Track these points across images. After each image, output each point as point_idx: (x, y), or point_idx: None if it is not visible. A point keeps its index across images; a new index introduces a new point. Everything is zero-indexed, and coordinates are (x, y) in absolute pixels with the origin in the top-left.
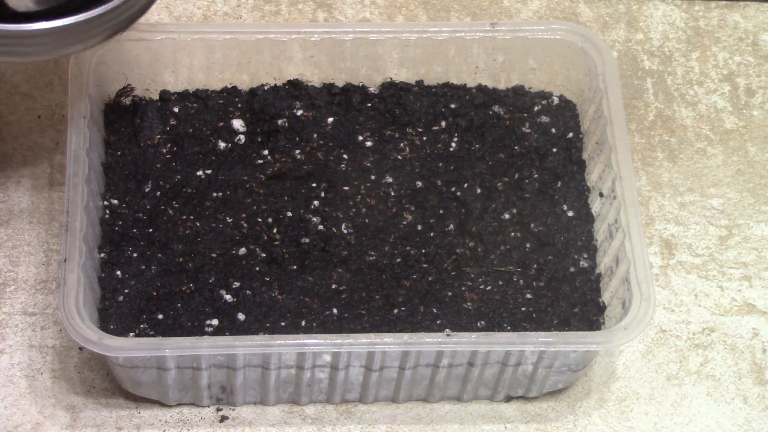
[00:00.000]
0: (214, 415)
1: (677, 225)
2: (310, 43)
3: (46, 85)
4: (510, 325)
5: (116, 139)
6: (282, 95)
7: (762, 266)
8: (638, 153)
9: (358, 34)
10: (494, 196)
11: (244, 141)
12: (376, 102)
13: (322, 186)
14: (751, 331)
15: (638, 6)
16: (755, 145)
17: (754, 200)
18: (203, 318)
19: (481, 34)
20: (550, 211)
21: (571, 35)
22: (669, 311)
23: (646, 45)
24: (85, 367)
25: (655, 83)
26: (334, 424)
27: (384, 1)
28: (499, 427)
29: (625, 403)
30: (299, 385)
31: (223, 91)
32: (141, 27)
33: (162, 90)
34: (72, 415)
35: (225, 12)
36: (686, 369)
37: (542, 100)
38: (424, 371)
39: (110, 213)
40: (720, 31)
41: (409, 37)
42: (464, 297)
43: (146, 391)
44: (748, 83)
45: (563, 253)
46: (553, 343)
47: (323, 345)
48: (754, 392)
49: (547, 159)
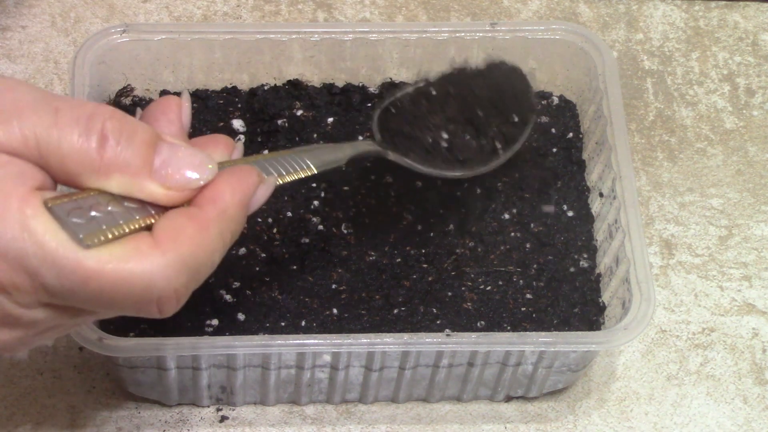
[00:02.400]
0: (214, 415)
1: (677, 225)
2: (310, 43)
3: (46, 85)
4: (510, 325)
5: None
6: (282, 95)
7: (762, 266)
8: (638, 153)
9: (358, 34)
10: (494, 196)
11: (244, 141)
12: (376, 102)
13: (322, 186)
14: (751, 331)
15: (638, 6)
16: (755, 145)
17: (754, 200)
18: (203, 318)
19: (481, 34)
20: (550, 211)
21: (571, 35)
22: (669, 311)
23: (646, 45)
24: (85, 367)
25: (655, 83)
26: (334, 424)
27: (384, 1)
28: (499, 427)
29: (625, 403)
30: (299, 385)
31: (223, 91)
32: (141, 27)
33: (162, 90)
34: (72, 415)
35: (225, 12)
36: (686, 369)
37: (542, 100)
38: (424, 371)
39: None
40: (720, 31)
41: (409, 37)
42: (464, 297)
43: (146, 391)
44: (748, 83)
45: (563, 253)
46: (553, 343)
47: (323, 345)
48: (754, 392)
49: (547, 159)
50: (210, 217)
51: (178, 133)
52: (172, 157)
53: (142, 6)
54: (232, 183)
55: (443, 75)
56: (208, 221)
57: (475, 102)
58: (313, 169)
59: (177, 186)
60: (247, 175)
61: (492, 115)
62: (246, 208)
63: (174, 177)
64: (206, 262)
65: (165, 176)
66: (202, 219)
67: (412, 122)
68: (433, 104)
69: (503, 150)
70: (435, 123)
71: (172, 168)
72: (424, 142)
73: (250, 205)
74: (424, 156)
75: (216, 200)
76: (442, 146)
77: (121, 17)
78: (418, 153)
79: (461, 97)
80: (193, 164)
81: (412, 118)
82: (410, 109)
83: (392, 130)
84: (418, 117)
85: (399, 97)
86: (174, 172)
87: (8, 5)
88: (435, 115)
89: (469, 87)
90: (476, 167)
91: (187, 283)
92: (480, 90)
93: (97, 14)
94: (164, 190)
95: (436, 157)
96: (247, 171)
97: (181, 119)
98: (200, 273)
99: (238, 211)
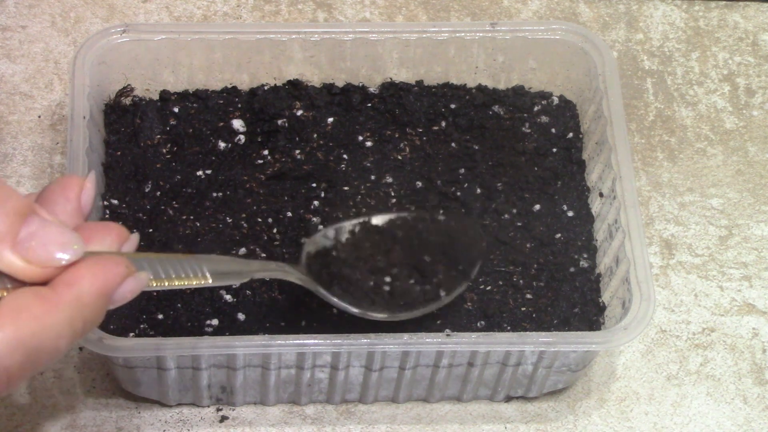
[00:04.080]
0: (214, 415)
1: (677, 225)
2: (310, 43)
3: (46, 85)
4: (510, 325)
5: (116, 140)
6: (282, 95)
7: (762, 266)
8: (638, 153)
9: (358, 34)
10: (494, 196)
11: (244, 141)
12: (376, 102)
13: (322, 186)
14: (751, 331)
15: (638, 6)
16: (755, 145)
17: (754, 200)
18: (203, 318)
19: (481, 34)
20: (550, 211)
21: (571, 35)
22: (669, 311)
23: (646, 45)
24: (85, 367)
25: (655, 83)
26: (334, 424)
27: (384, 1)
28: (499, 427)
29: (625, 403)
30: (299, 385)
31: (223, 91)
32: (141, 27)
33: (162, 90)
34: (72, 415)
35: (225, 12)
36: (686, 369)
37: (542, 100)
38: (424, 371)
39: (110, 213)
40: (720, 31)
41: (409, 37)
42: (464, 297)
43: (146, 391)
44: (748, 83)
45: (563, 253)
46: (553, 343)
47: (323, 345)
48: (754, 392)
49: (547, 159)
50: (62, 300)
51: (73, 213)
52: (40, 231)
53: (142, 6)
54: (94, 270)
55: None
56: (59, 304)
57: (424, 246)
58: (209, 279)
59: (37, 261)
60: (113, 264)
61: (439, 261)
62: (106, 298)
63: (36, 251)
64: (48, 346)
65: (27, 249)
66: (52, 301)
67: (352, 264)
68: (377, 245)
69: (445, 296)
70: (378, 266)
71: (37, 242)
72: (363, 285)
73: (113, 297)
74: (358, 297)
75: (72, 284)
76: (383, 290)
77: (121, 17)
78: (353, 294)
79: (408, 240)
80: (59, 242)
81: (353, 259)
82: (351, 250)
83: (329, 270)
84: (360, 259)
85: (340, 236)
86: (38, 246)
87: (8, 5)
88: (379, 257)
89: (417, 230)
90: (412, 311)
91: (22, 364)
92: (430, 234)
93: (97, 14)
94: (23, 263)
95: (371, 299)
96: (113, 260)
97: (80, 199)
98: (40, 356)
99: (96, 300)
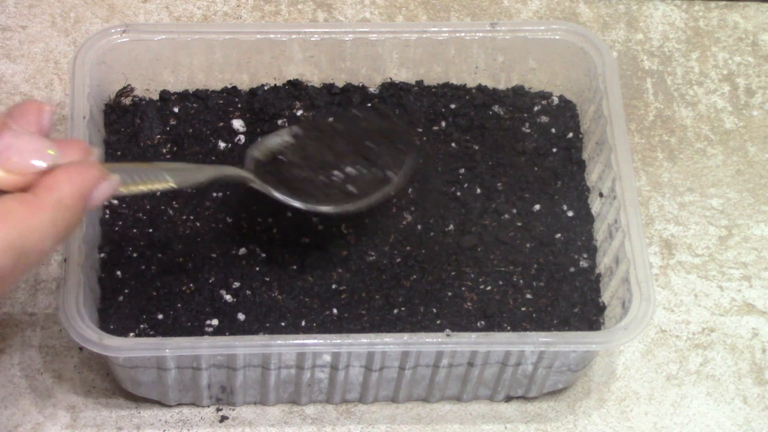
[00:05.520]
0: (214, 415)
1: (677, 225)
2: (310, 43)
3: (46, 85)
4: (510, 325)
5: (116, 139)
6: (282, 95)
7: (762, 266)
8: (638, 153)
9: (358, 34)
10: (494, 196)
11: (244, 141)
12: (376, 102)
13: None
14: (751, 331)
15: (638, 6)
16: (755, 145)
17: (754, 200)
18: (203, 318)
19: (481, 34)
20: (550, 211)
21: (571, 35)
22: (669, 311)
23: (646, 45)
24: (85, 367)
25: (655, 83)
26: (334, 424)
27: (384, 1)
28: (499, 427)
29: (625, 403)
30: (299, 385)
31: (223, 91)
32: (141, 27)
33: (162, 90)
34: (72, 415)
35: (225, 12)
36: (686, 369)
37: (542, 100)
38: (424, 371)
39: (110, 213)
40: (720, 31)
41: (409, 37)
42: (464, 297)
43: (146, 391)
44: (748, 83)
45: (563, 253)
46: (553, 343)
47: (323, 345)
48: (754, 392)
49: (547, 159)
50: (44, 203)
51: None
52: (15, 141)
53: (142, 6)
54: (71, 174)
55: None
56: (42, 207)
57: (363, 135)
58: (171, 182)
59: (16, 169)
60: (88, 169)
61: (380, 144)
62: (84, 200)
63: (13, 160)
64: (35, 246)
65: (6, 159)
66: (35, 204)
67: (301, 165)
68: (322, 142)
69: (394, 176)
70: (328, 161)
71: (12, 152)
72: (316, 181)
73: (90, 200)
74: (309, 193)
75: (52, 189)
76: (336, 182)
77: (121, 17)
78: (306, 192)
79: (348, 132)
80: (33, 149)
81: (301, 160)
82: (296, 151)
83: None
84: (307, 158)
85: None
86: (14, 154)
87: (8, 5)
88: (326, 153)
89: (353, 123)
90: (367, 198)
91: (13, 264)
92: (365, 124)
93: (97, 14)
94: (3, 172)
95: (325, 192)
96: (88, 165)
97: (41, 122)
98: (29, 257)
99: (75, 202)
